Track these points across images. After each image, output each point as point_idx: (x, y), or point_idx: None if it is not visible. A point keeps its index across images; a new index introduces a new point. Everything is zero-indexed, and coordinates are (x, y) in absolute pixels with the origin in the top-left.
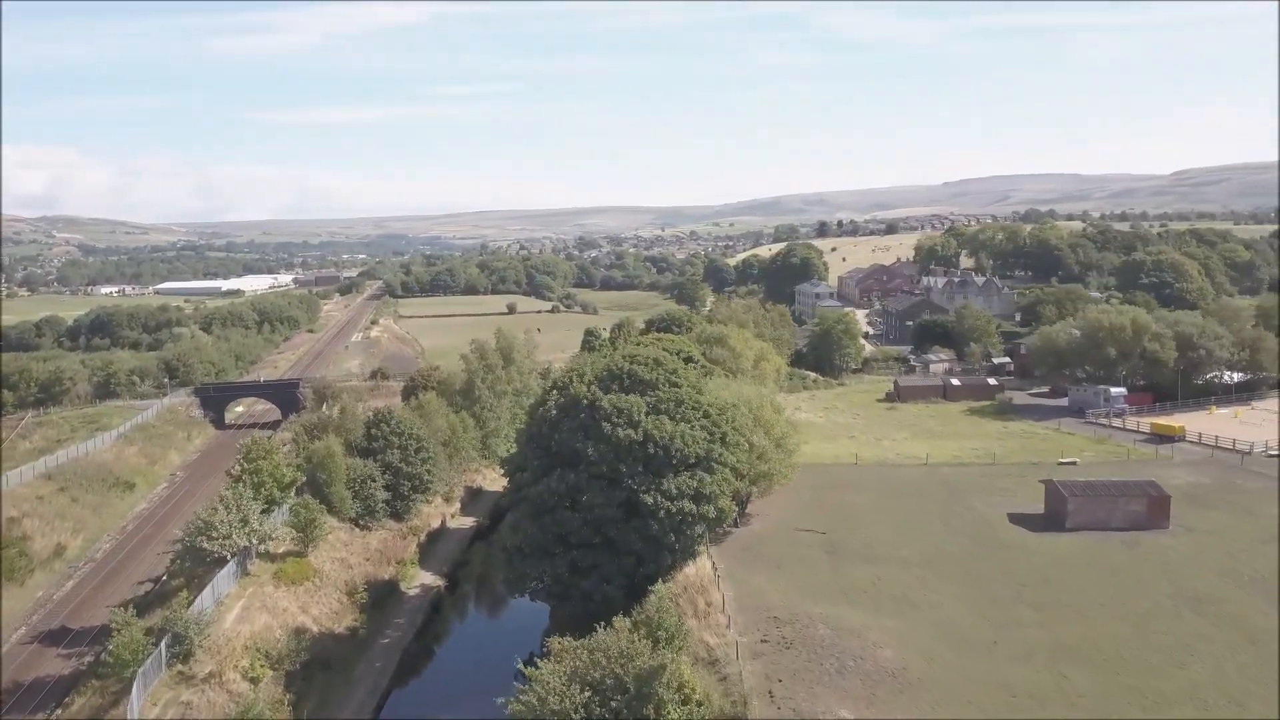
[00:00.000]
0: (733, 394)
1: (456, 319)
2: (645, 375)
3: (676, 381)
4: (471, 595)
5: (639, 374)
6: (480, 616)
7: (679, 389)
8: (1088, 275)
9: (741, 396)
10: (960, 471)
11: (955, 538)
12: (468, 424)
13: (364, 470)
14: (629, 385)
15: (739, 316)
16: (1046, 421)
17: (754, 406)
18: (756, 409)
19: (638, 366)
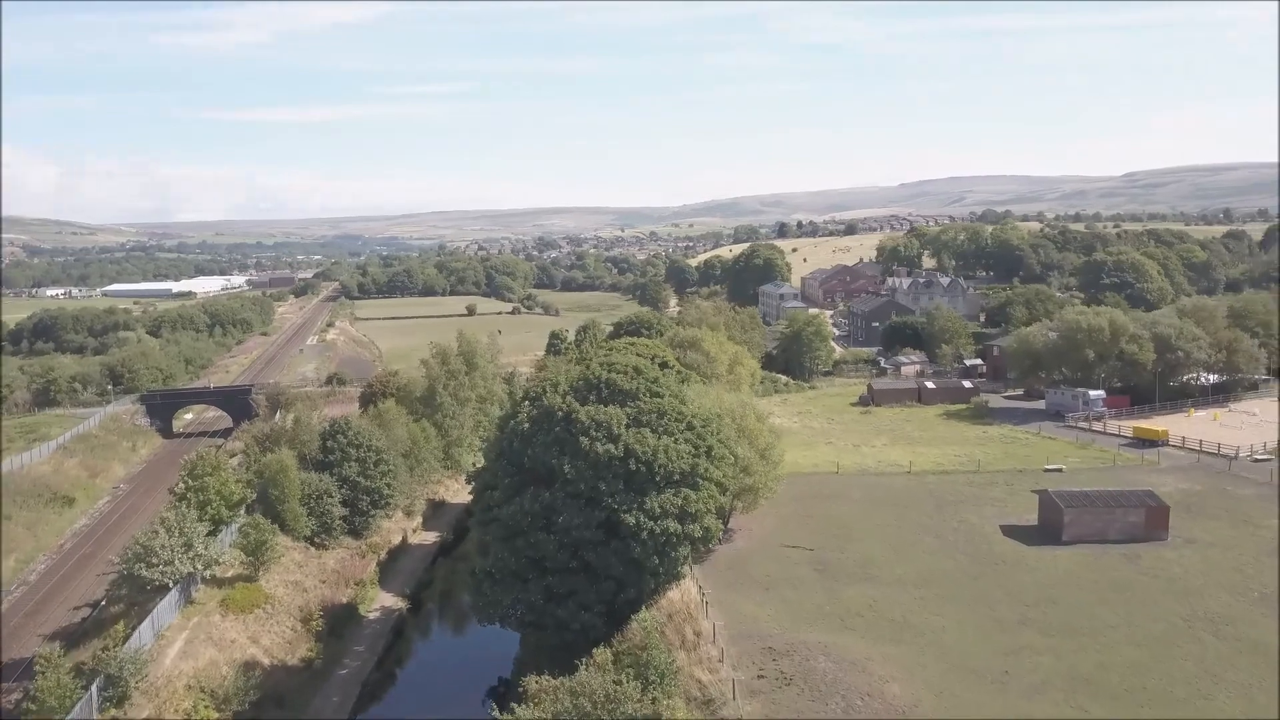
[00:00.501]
0: (713, 401)
1: (415, 321)
2: (625, 385)
3: (658, 391)
4: (436, 617)
5: (618, 383)
6: (446, 640)
7: (661, 399)
8: (1049, 275)
9: (723, 405)
10: (945, 480)
11: (950, 553)
12: (429, 433)
13: (319, 485)
14: (607, 396)
15: (709, 319)
16: (1026, 425)
17: (737, 416)
18: (739, 418)
19: (616, 375)
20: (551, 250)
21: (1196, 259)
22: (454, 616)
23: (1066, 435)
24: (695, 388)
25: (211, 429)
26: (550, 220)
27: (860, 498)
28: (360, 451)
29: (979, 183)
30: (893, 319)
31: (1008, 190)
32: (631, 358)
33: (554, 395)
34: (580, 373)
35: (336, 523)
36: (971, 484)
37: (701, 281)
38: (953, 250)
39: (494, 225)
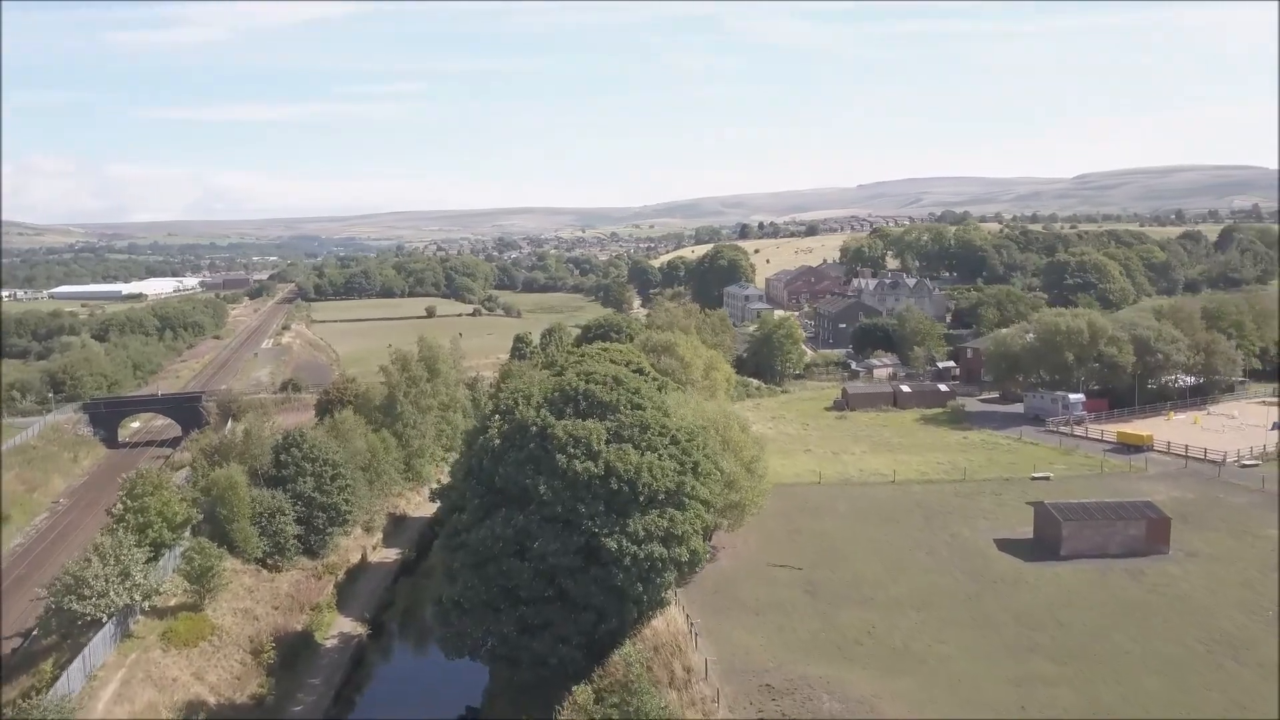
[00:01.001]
0: (693, 411)
1: (373, 323)
2: (604, 397)
3: (640, 403)
4: (398, 641)
5: (597, 395)
6: (409, 667)
7: (643, 412)
8: (1012, 276)
9: (705, 415)
10: (931, 490)
11: (945, 571)
12: (389, 444)
13: (272, 503)
14: (585, 409)
15: (680, 322)
16: (1006, 430)
17: (720, 427)
18: (723, 429)
19: (595, 386)
20: (512, 251)
21: (1156, 259)
22: (417, 638)
23: (1049, 440)
24: (673, 396)
25: (160, 438)
26: (510, 220)
27: (846, 510)
28: (316, 466)
29: (936, 184)
30: (861, 321)
31: (964, 191)
32: (610, 366)
33: (527, 408)
34: (555, 383)
35: (290, 542)
36: (959, 494)
37: (665, 283)
38: (916, 251)
39: (453, 225)
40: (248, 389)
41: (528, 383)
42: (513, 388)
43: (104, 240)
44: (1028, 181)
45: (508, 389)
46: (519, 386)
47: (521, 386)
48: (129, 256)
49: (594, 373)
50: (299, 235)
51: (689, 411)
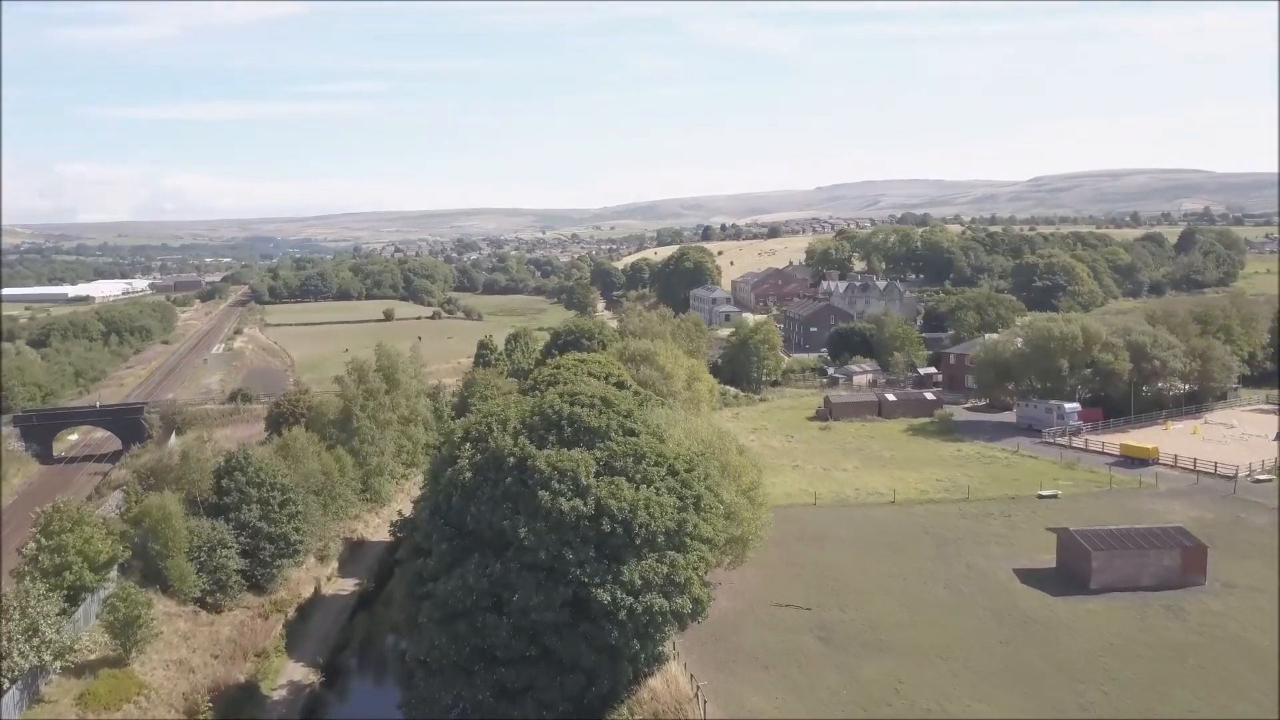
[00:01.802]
0: (685, 431)
1: (329, 327)
2: (592, 422)
3: (632, 428)
4: (355, 687)
5: (584, 420)
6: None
7: (637, 439)
8: (979, 278)
9: (699, 435)
10: (935, 512)
11: (969, 609)
12: (345, 463)
13: (212, 535)
14: (571, 435)
15: (655, 327)
16: (1000, 442)
17: (716, 449)
18: (720, 452)
19: (582, 409)
20: (471, 252)
21: (1121, 261)
22: (376, 679)
23: (1047, 453)
24: (659, 413)
25: (99, 452)
26: (469, 222)
27: (848, 537)
28: (262, 491)
29: (892, 186)
30: (838, 326)
31: (920, 194)
32: (595, 385)
33: (502, 436)
34: (535, 405)
35: (233, 579)
36: (965, 516)
37: (629, 285)
38: (883, 253)
39: (411, 227)
40: (196, 398)
41: (503, 405)
42: (486, 410)
43: (51, 241)
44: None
45: (479, 411)
46: (492, 410)
47: (495, 409)
48: (77, 258)
49: (579, 393)
50: (253, 236)
51: (680, 432)
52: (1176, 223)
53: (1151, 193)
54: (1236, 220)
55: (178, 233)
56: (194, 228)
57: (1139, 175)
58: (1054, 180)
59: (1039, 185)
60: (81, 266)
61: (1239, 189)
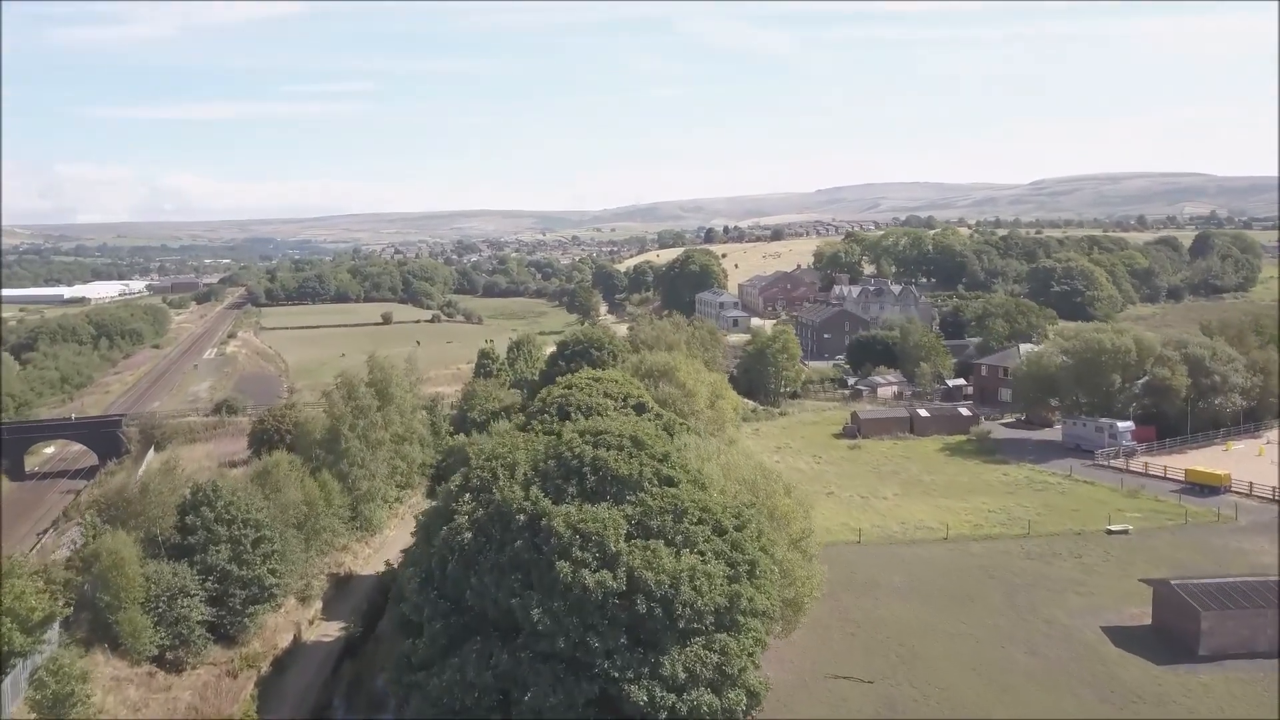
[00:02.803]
0: (721, 467)
1: (326, 330)
2: (622, 469)
3: (670, 475)
4: None
5: (611, 466)
6: None
7: (675, 489)
8: (994, 282)
9: (738, 473)
10: (995, 551)
11: (1060, 682)
12: (331, 489)
13: (173, 581)
14: (595, 486)
15: (668, 336)
16: (1048, 464)
17: (760, 491)
18: (765, 494)
19: (608, 453)
20: (472, 254)
21: (1139, 266)
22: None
23: (1104, 478)
24: (688, 441)
25: (74, 467)
26: (469, 223)
27: (903, 584)
28: (233, 529)
29: (892, 189)
30: (859, 334)
31: (920, 197)
32: (624, 422)
33: (511, 486)
34: (549, 447)
35: (197, 631)
36: (1029, 556)
37: (632, 288)
38: (893, 256)
39: (411, 228)
40: (182, 407)
41: (509, 444)
42: (490, 453)
43: (50, 242)
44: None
45: (481, 453)
46: (497, 452)
47: (501, 451)
48: (75, 259)
49: (604, 432)
50: (253, 237)
51: (715, 468)
52: (1183, 226)
53: (1152, 196)
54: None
55: (177, 233)
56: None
57: (1139, 179)
58: (1054, 183)
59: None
60: (79, 267)
61: (1240, 192)
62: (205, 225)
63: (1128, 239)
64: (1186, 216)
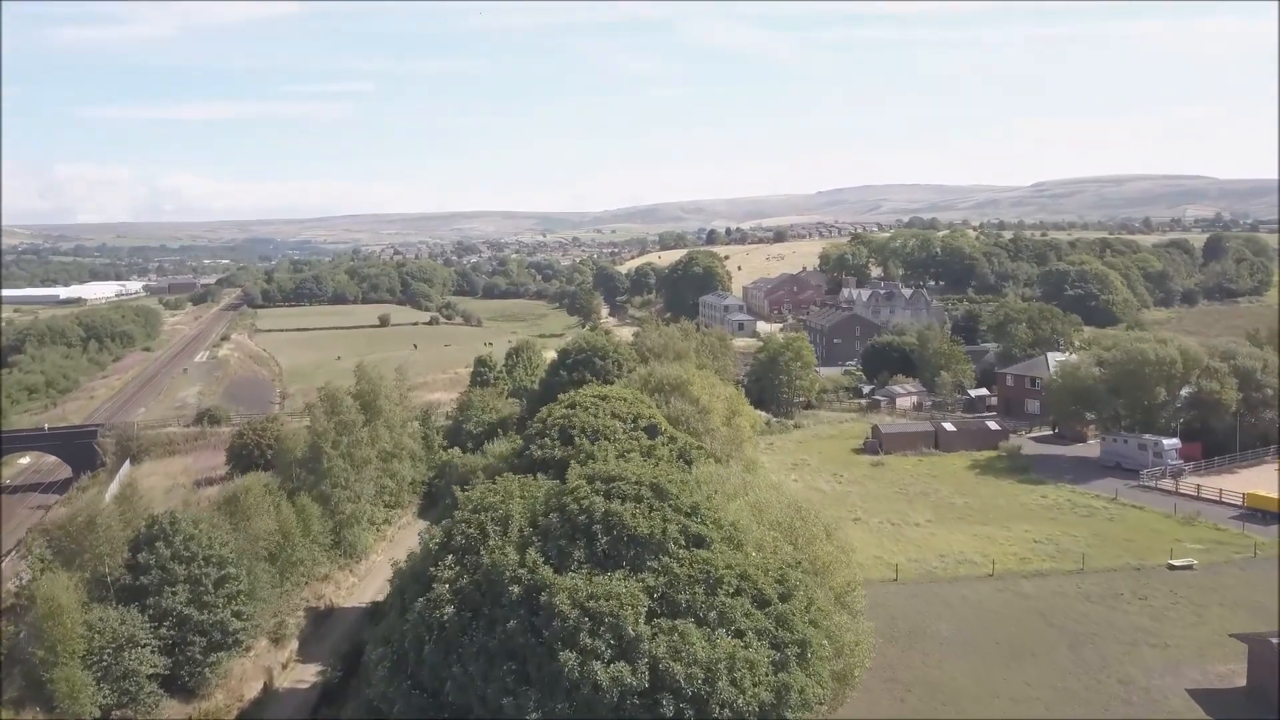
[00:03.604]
0: (750, 506)
1: (322, 333)
2: (641, 527)
3: (700, 533)
4: None
5: (628, 524)
6: None
7: (707, 552)
8: (1004, 285)
9: (770, 514)
10: (1049, 590)
11: None
12: (310, 514)
13: (120, 630)
14: (607, 548)
15: (676, 344)
16: (1088, 484)
17: (799, 537)
18: (804, 541)
19: (623, 505)
20: (471, 255)
21: (1153, 269)
22: None
23: (1153, 501)
24: (710, 471)
25: (48, 480)
26: (469, 224)
27: (952, 634)
28: (192, 567)
29: (893, 191)
30: (875, 341)
31: (921, 199)
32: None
33: (503, 547)
34: (551, 495)
35: (147, 687)
36: (1088, 597)
37: (634, 290)
38: (901, 258)
39: (410, 229)
40: (168, 413)
41: (503, 491)
42: (477, 501)
43: (50, 242)
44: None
45: (468, 502)
46: (487, 500)
47: (492, 499)
48: (74, 259)
49: (618, 478)
50: (253, 238)
51: (744, 507)
52: (1189, 229)
53: (1154, 198)
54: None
55: (177, 233)
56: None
57: (1141, 181)
58: (1055, 185)
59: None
60: (76, 268)
61: (1241, 195)
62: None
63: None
64: (1191, 219)
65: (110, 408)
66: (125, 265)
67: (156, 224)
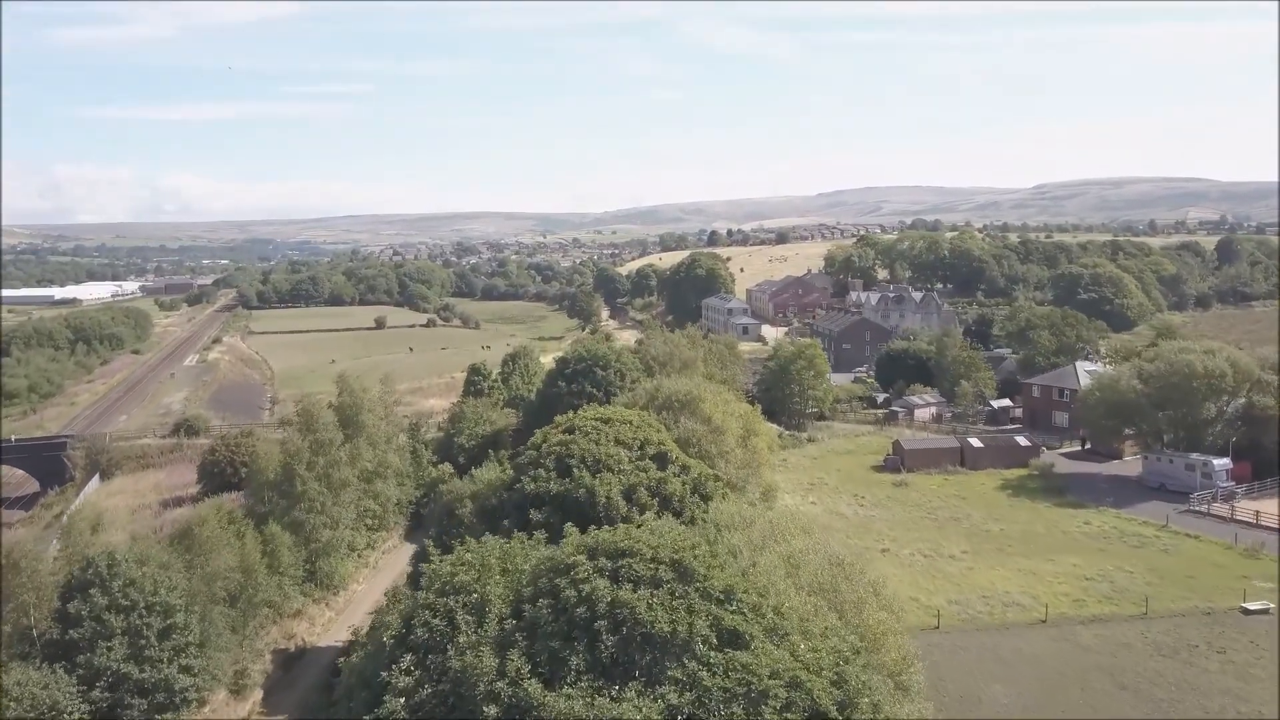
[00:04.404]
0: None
1: (317, 335)
2: (660, 623)
3: (736, 628)
4: None
5: (643, 618)
6: None
7: (747, 654)
8: (1014, 288)
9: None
10: (1113, 640)
11: None
12: (281, 544)
13: (41, 695)
14: (615, 650)
15: (683, 353)
16: (1133, 508)
17: (849, 605)
18: (855, 610)
19: (635, 591)
20: (471, 256)
21: (1165, 272)
22: None
23: (1209, 530)
24: (728, 510)
25: (17, 494)
26: (469, 225)
27: (1011, 702)
28: (132, 617)
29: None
30: (889, 347)
31: (922, 201)
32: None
33: (476, 648)
34: (541, 569)
35: None
36: (1158, 649)
37: (635, 292)
38: (908, 260)
39: (411, 230)
40: (151, 421)
41: (480, 564)
42: (445, 579)
43: (49, 242)
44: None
45: (433, 579)
46: (457, 578)
47: (462, 576)
48: (72, 259)
49: (628, 551)
50: (252, 238)
51: (776, 561)
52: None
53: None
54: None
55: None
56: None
57: (1142, 183)
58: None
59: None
60: (74, 268)
61: (1243, 198)
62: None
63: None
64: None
65: (90, 415)
66: (123, 265)
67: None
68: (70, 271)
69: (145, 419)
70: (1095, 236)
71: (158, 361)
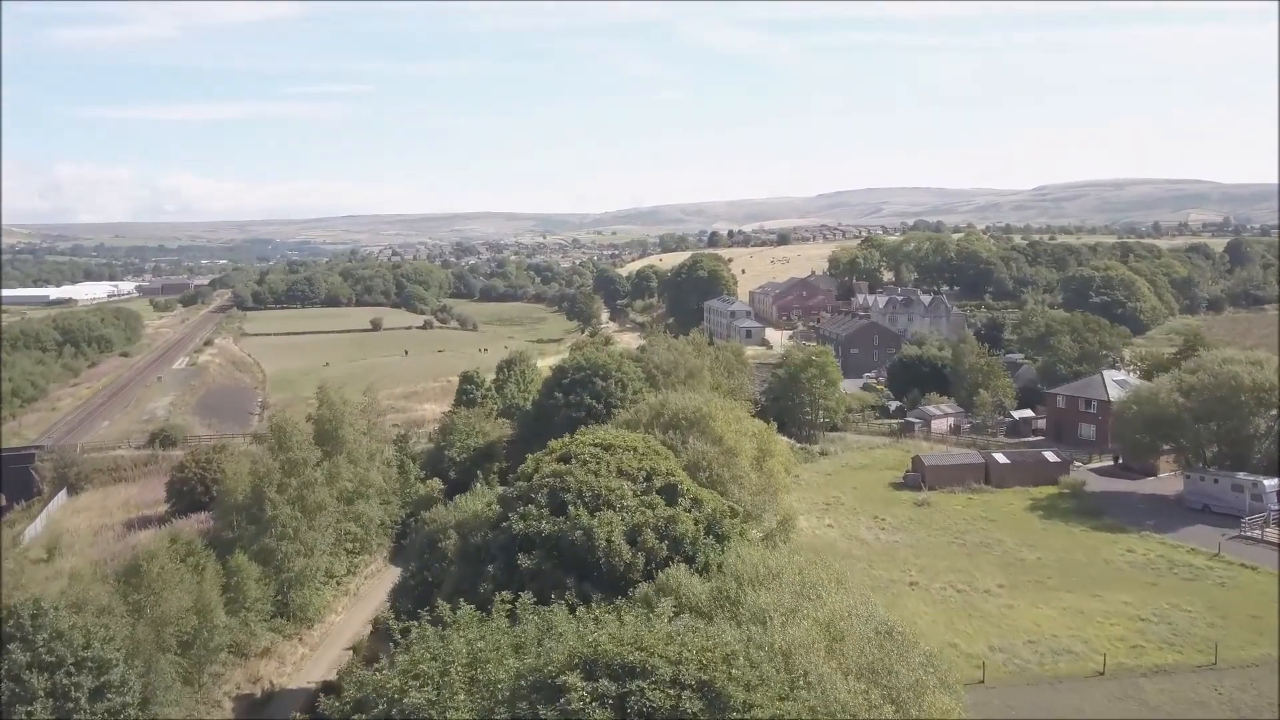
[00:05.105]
0: (819, 626)
1: (312, 337)
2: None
3: None
4: None
5: None
6: None
7: None
8: (1023, 291)
9: (855, 646)
10: (1182, 696)
11: None
12: (246, 577)
13: None
14: None
15: (689, 361)
16: (1178, 534)
17: (904, 681)
18: (914, 695)
19: None
20: (470, 256)
21: (1178, 275)
22: None
23: (1264, 559)
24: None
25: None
26: (469, 226)
27: None
28: (58, 676)
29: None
30: (902, 354)
31: (923, 202)
32: (685, 646)
33: None
34: (520, 698)
35: None
36: (1237, 710)
37: (635, 293)
38: (914, 261)
39: (411, 230)
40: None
41: (439, 676)
42: (395, 694)
43: (49, 242)
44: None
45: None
46: (413, 699)
47: (419, 699)
48: (70, 259)
49: (640, 672)
50: (252, 238)
51: (812, 634)
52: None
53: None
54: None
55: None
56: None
57: (1143, 185)
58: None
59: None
60: (71, 267)
61: (1244, 200)
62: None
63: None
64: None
65: (71, 421)
66: (121, 265)
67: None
68: (67, 271)
69: (128, 425)
70: (1101, 238)
71: (146, 364)
